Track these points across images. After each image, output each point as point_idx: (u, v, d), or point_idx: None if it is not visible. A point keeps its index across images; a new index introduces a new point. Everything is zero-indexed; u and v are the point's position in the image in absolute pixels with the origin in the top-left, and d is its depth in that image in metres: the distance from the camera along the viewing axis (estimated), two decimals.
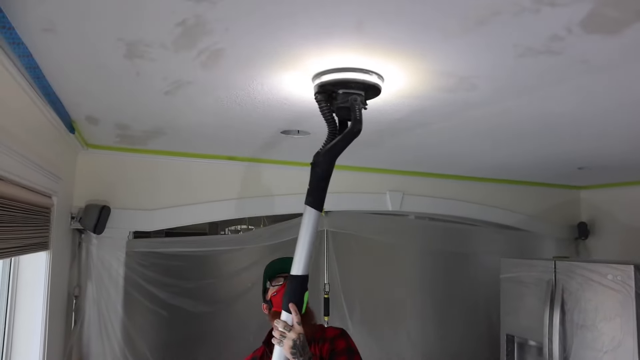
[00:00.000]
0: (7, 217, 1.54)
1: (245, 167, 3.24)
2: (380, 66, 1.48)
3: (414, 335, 3.69)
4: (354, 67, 1.47)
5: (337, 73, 1.48)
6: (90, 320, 2.73)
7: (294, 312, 1.53)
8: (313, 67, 1.49)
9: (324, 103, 1.55)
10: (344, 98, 1.52)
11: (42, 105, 1.82)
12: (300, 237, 1.55)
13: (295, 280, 1.55)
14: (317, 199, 1.57)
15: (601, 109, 1.91)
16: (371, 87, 1.53)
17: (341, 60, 1.43)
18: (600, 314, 2.68)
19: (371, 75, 1.50)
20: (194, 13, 1.14)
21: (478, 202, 3.96)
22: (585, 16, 1.13)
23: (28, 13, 1.16)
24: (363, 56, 1.40)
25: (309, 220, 1.56)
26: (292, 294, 1.55)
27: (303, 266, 1.54)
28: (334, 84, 1.51)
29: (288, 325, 1.53)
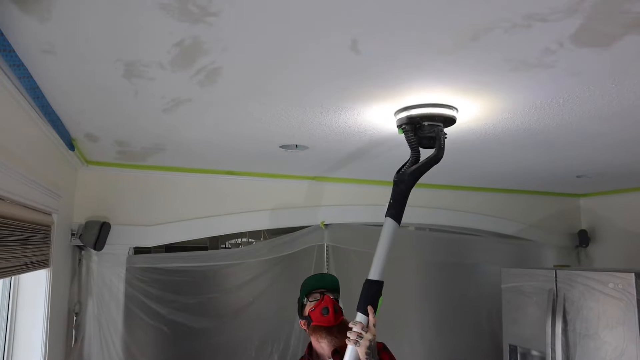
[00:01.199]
0: (8, 236, 1.55)
1: (245, 181, 3.25)
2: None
3: (416, 346, 3.67)
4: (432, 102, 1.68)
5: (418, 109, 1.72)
6: (90, 337, 2.72)
7: (371, 314, 1.61)
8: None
9: (412, 133, 1.75)
10: (429, 129, 1.72)
11: (42, 124, 1.84)
12: (380, 245, 1.70)
13: (373, 285, 1.66)
14: (397, 212, 1.74)
15: (595, 118, 1.93)
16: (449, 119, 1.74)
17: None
18: (602, 322, 2.67)
19: (453, 110, 1.73)
20: (191, 34, 1.16)
21: (477, 212, 3.96)
22: (576, 31, 1.15)
23: (28, 35, 1.18)
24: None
25: (388, 230, 1.71)
26: (369, 297, 1.64)
27: (380, 272, 1.68)
28: (421, 117, 1.71)
29: (365, 326, 1.59)
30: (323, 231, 3.37)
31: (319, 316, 1.76)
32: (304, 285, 1.95)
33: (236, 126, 2.01)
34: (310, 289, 1.90)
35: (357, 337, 1.58)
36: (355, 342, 1.57)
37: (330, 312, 1.77)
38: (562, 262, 4.22)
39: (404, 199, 1.75)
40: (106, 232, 2.73)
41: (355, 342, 1.58)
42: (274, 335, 3.17)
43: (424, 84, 1.52)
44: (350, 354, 1.61)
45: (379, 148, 2.44)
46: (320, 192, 3.43)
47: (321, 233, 3.38)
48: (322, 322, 1.76)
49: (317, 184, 3.41)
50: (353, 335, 1.58)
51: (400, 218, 1.74)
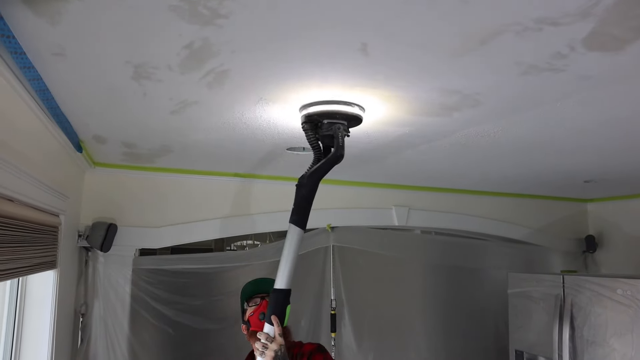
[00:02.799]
0: (17, 237, 1.56)
1: (251, 183, 3.25)
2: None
3: (421, 350, 3.65)
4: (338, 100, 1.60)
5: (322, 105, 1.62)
6: (97, 338, 2.72)
7: (276, 324, 1.59)
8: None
9: (310, 132, 1.70)
10: (328, 127, 1.66)
11: (51, 126, 1.84)
12: (284, 253, 1.66)
13: (279, 294, 1.62)
14: (301, 217, 1.68)
15: (605, 123, 1.91)
16: (354, 117, 1.68)
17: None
18: (610, 329, 2.65)
19: (353, 107, 1.64)
20: (201, 36, 1.16)
21: (484, 216, 3.94)
22: (588, 35, 1.14)
23: (39, 38, 1.19)
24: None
25: (292, 237, 1.66)
26: (275, 306, 1.62)
27: (286, 280, 1.63)
28: (320, 115, 1.64)
29: (270, 337, 1.59)
30: (329, 233, 3.36)
31: (257, 321, 1.74)
32: (244, 290, 1.93)
33: (243, 128, 2.01)
34: (250, 294, 1.89)
35: (262, 348, 1.59)
36: (261, 352, 1.59)
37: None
38: (569, 267, 4.18)
39: (307, 203, 1.70)
40: (113, 233, 2.73)
41: (261, 353, 1.59)
42: None
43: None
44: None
45: (386, 150, 2.44)
46: (326, 194, 3.42)
47: (327, 235, 3.37)
48: (259, 327, 1.70)
49: (323, 186, 3.39)
50: (259, 346, 1.59)
51: (304, 224, 1.69)
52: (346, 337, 3.36)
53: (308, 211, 1.70)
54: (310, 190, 1.70)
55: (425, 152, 2.44)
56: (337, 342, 3.31)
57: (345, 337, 3.36)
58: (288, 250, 1.66)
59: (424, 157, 2.59)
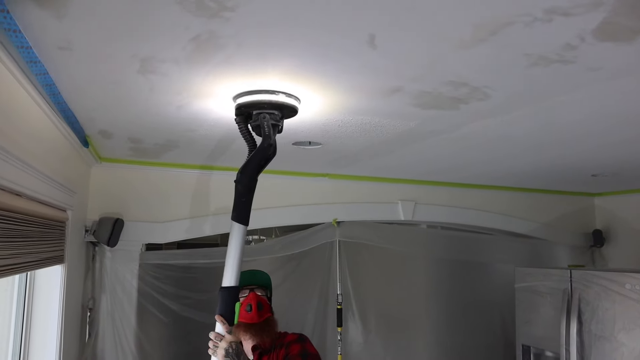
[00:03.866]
0: (25, 232, 1.56)
1: (258, 178, 3.24)
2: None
3: (428, 344, 3.65)
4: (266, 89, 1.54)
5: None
6: (104, 333, 2.74)
7: (220, 323, 1.65)
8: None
9: (242, 124, 1.65)
10: (256, 118, 1.60)
11: (58, 121, 1.85)
12: (230, 251, 1.67)
13: (225, 292, 1.67)
14: (241, 213, 1.68)
15: (615, 116, 1.89)
16: (285, 106, 1.59)
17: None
18: (618, 324, 2.63)
19: (278, 95, 1.56)
20: (207, 29, 1.15)
21: (491, 211, 3.92)
22: (598, 25, 1.13)
23: (45, 32, 1.19)
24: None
25: (236, 234, 1.67)
26: (222, 305, 1.66)
27: (233, 278, 1.66)
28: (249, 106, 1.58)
29: (220, 335, 1.65)
30: (335, 228, 3.36)
31: (243, 313, 1.71)
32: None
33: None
34: (240, 286, 1.85)
35: (213, 347, 1.65)
36: (213, 352, 1.65)
37: (253, 309, 1.70)
38: (576, 262, 4.16)
39: (245, 197, 1.68)
40: (119, 228, 2.74)
41: (213, 351, 1.65)
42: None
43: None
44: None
45: (392, 144, 2.42)
46: (332, 189, 3.42)
47: (333, 230, 3.37)
48: (245, 318, 1.70)
49: (329, 181, 3.40)
50: (211, 344, 1.66)
51: (246, 219, 1.67)
52: (353, 332, 3.36)
53: (248, 206, 1.69)
54: (247, 185, 1.68)
55: (432, 146, 2.43)
56: (344, 336, 3.31)
57: (352, 331, 3.36)
58: (233, 247, 1.67)
59: (430, 151, 2.58)
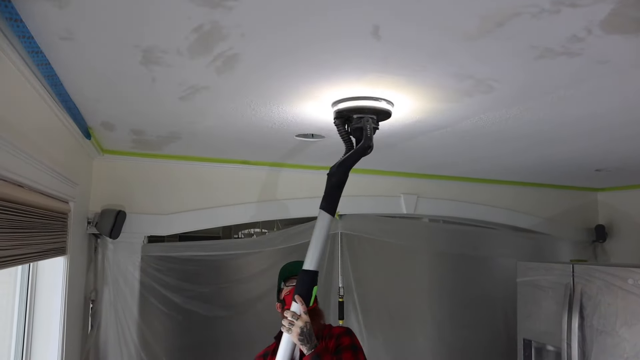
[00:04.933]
0: (27, 223, 1.56)
1: (260, 171, 3.24)
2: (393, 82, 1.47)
3: (429, 338, 3.66)
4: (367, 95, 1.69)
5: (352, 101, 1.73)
6: (107, 324, 2.75)
7: (300, 303, 1.71)
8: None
9: (341, 126, 1.80)
10: (357, 121, 1.76)
11: (60, 112, 1.84)
12: (314, 237, 1.76)
13: (306, 275, 1.74)
14: (330, 204, 1.79)
15: (621, 109, 1.88)
16: (382, 111, 1.77)
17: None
18: (621, 319, 2.63)
19: (380, 102, 1.73)
20: (210, 19, 1.14)
21: (493, 205, 3.92)
22: (606, 16, 1.11)
23: (47, 22, 1.18)
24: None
25: (322, 222, 1.77)
26: (302, 286, 1.74)
27: (314, 262, 1.74)
28: (350, 110, 1.75)
29: (296, 314, 1.70)
30: (337, 221, 3.36)
31: (292, 301, 1.81)
32: (282, 270, 2.03)
33: (253, 114, 2.00)
34: (288, 274, 1.99)
35: (288, 325, 1.70)
36: (288, 329, 1.70)
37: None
38: (578, 257, 4.16)
39: (337, 190, 1.80)
40: (122, 220, 2.74)
41: (287, 329, 1.70)
42: None
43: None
44: (286, 340, 1.73)
45: (395, 137, 2.41)
46: None
47: (335, 223, 3.36)
48: None
49: None
50: (285, 323, 1.71)
51: (333, 210, 1.79)
52: (354, 325, 3.36)
53: (337, 198, 1.80)
54: (340, 179, 1.80)
55: (435, 139, 2.41)
56: None
57: (353, 324, 3.36)
58: (317, 234, 1.76)
59: (433, 145, 2.56)
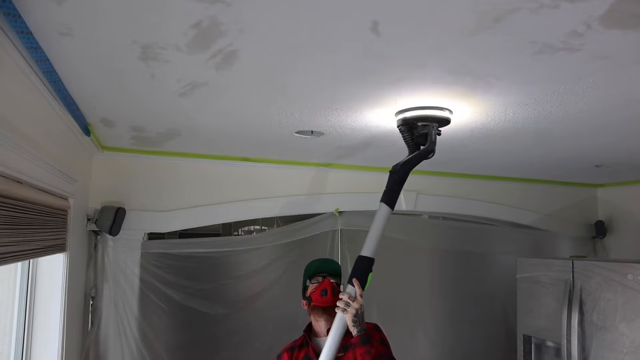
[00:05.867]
0: (26, 219, 1.56)
1: (260, 168, 3.24)
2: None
3: (430, 334, 3.66)
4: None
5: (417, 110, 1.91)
6: (107, 321, 2.75)
7: (357, 286, 1.77)
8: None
9: (407, 133, 1.96)
10: (422, 128, 1.93)
11: (59, 108, 1.84)
12: (373, 226, 1.86)
13: (363, 260, 1.82)
14: (391, 198, 1.91)
15: (620, 105, 1.87)
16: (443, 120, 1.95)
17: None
18: (620, 314, 2.63)
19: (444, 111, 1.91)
20: (209, 14, 1.14)
21: (493, 201, 3.92)
22: (606, 11, 1.11)
23: (45, 18, 1.17)
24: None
25: (383, 214, 1.88)
26: (359, 270, 1.81)
27: (371, 250, 1.84)
28: (415, 119, 1.92)
29: (352, 296, 1.76)
30: (337, 218, 3.36)
31: (318, 297, 1.91)
32: (308, 268, 2.07)
33: (252, 111, 2.00)
34: (314, 272, 2.03)
35: (344, 306, 1.74)
36: (343, 310, 1.74)
37: (328, 293, 1.90)
38: (578, 253, 4.16)
39: (398, 187, 1.93)
40: (121, 217, 2.74)
41: (343, 310, 1.74)
42: (288, 321, 3.17)
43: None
44: (339, 320, 1.77)
45: (392, 135, 2.41)
46: (334, 179, 3.41)
47: (335, 220, 3.37)
48: (320, 302, 1.90)
49: (331, 171, 3.40)
50: (341, 304, 1.75)
51: (393, 204, 1.91)
52: None
53: (398, 194, 1.93)
54: (401, 177, 1.93)
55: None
56: None
57: None
58: (376, 224, 1.86)
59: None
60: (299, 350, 1.94)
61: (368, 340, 1.74)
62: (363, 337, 1.74)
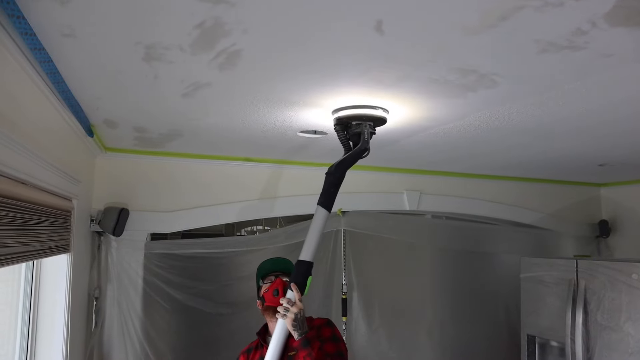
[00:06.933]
0: (30, 220, 1.56)
1: (262, 168, 3.24)
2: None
3: (433, 334, 3.65)
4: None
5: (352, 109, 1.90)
6: (111, 321, 2.76)
7: (295, 290, 1.77)
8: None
9: (341, 132, 1.96)
10: (356, 127, 1.94)
11: (62, 109, 1.84)
12: (311, 230, 1.86)
13: (301, 265, 1.81)
14: (327, 201, 1.89)
15: (624, 104, 1.87)
16: (379, 119, 1.94)
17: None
18: (625, 314, 2.62)
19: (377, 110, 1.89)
20: (212, 14, 1.14)
21: (496, 201, 3.91)
22: (611, 9, 1.10)
23: (49, 19, 1.17)
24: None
25: (319, 217, 1.87)
26: (298, 275, 1.80)
27: (310, 254, 1.82)
28: (349, 118, 1.93)
29: (291, 301, 1.75)
30: (340, 218, 3.36)
31: (271, 297, 1.88)
32: (260, 268, 2.05)
33: (255, 111, 1.99)
34: (265, 272, 2.01)
35: (284, 311, 1.74)
36: (283, 315, 1.74)
37: (280, 293, 1.87)
38: (582, 252, 4.15)
39: (335, 188, 1.91)
40: (125, 218, 2.75)
41: (282, 315, 1.74)
42: None
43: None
44: (281, 326, 1.78)
45: (398, 133, 2.41)
46: None
47: (338, 220, 3.36)
48: (273, 302, 1.87)
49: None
50: (281, 309, 1.75)
51: (330, 206, 1.89)
52: (357, 321, 3.37)
53: (334, 196, 1.91)
54: (338, 178, 1.91)
55: (438, 135, 2.41)
56: (348, 326, 3.32)
57: (356, 321, 3.37)
58: (314, 228, 1.85)
59: (436, 141, 2.56)
60: (254, 351, 1.94)
61: (308, 343, 1.72)
62: (304, 340, 1.73)
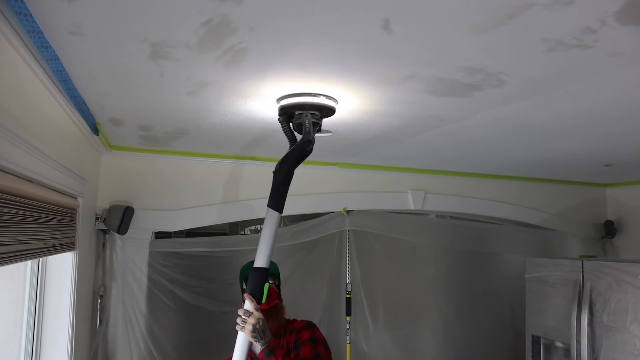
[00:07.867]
0: (36, 218, 1.57)
1: (268, 167, 3.23)
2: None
3: (437, 334, 3.65)
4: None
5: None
6: (115, 319, 2.77)
7: (250, 301, 1.74)
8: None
9: (284, 123, 1.84)
10: (298, 117, 1.80)
11: (68, 107, 1.84)
12: (264, 235, 1.76)
13: (256, 272, 1.76)
14: (277, 202, 1.80)
15: (633, 103, 1.85)
16: (325, 107, 1.78)
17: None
18: (631, 315, 2.60)
19: (319, 97, 1.74)
20: (219, 12, 1.14)
21: (501, 201, 3.89)
22: (621, 7, 1.09)
23: (56, 17, 1.17)
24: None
25: (271, 220, 1.77)
26: (252, 284, 1.76)
27: (264, 260, 1.75)
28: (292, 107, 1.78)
29: (248, 312, 1.73)
30: (345, 217, 3.35)
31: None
32: (242, 270, 2.03)
33: (261, 109, 1.99)
34: (248, 274, 1.96)
35: (242, 323, 1.73)
36: (242, 327, 1.73)
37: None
38: (587, 253, 4.12)
39: (284, 187, 1.81)
40: (129, 216, 2.75)
41: (241, 327, 1.73)
42: None
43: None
44: (241, 337, 1.75)
45: (403, 132, 2.40)
46: (342, 178, 3.40)
47: (342, 219, 3.36)
48: None
49: (339, 170, 3.39)
50: (239, 321, 1.74)
51: (280, 207, 1.79)
52: (362, 321, 3.36)
53: (284, 196, 1.81)
54: (285, 177, 1.81)
55: (444, 134, 2.40)
56: (353, 325, 3.31)
57: (361, 320, 3.36)
58: (266, 232, 1.76)
59: (442, 140, 2.55)
60: None
61: (271, 353, 1.72)
62: (267, 350, 1.72)
